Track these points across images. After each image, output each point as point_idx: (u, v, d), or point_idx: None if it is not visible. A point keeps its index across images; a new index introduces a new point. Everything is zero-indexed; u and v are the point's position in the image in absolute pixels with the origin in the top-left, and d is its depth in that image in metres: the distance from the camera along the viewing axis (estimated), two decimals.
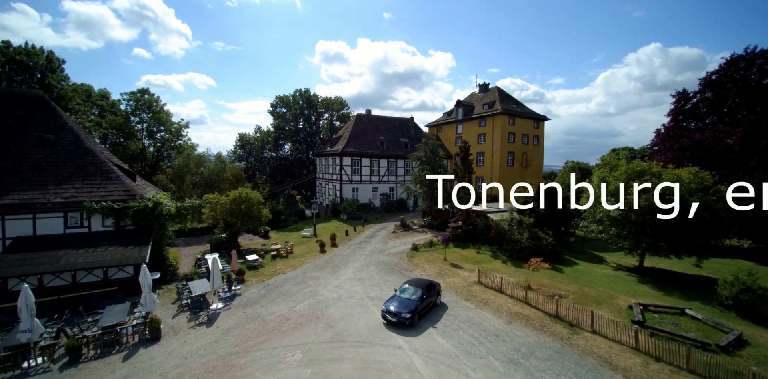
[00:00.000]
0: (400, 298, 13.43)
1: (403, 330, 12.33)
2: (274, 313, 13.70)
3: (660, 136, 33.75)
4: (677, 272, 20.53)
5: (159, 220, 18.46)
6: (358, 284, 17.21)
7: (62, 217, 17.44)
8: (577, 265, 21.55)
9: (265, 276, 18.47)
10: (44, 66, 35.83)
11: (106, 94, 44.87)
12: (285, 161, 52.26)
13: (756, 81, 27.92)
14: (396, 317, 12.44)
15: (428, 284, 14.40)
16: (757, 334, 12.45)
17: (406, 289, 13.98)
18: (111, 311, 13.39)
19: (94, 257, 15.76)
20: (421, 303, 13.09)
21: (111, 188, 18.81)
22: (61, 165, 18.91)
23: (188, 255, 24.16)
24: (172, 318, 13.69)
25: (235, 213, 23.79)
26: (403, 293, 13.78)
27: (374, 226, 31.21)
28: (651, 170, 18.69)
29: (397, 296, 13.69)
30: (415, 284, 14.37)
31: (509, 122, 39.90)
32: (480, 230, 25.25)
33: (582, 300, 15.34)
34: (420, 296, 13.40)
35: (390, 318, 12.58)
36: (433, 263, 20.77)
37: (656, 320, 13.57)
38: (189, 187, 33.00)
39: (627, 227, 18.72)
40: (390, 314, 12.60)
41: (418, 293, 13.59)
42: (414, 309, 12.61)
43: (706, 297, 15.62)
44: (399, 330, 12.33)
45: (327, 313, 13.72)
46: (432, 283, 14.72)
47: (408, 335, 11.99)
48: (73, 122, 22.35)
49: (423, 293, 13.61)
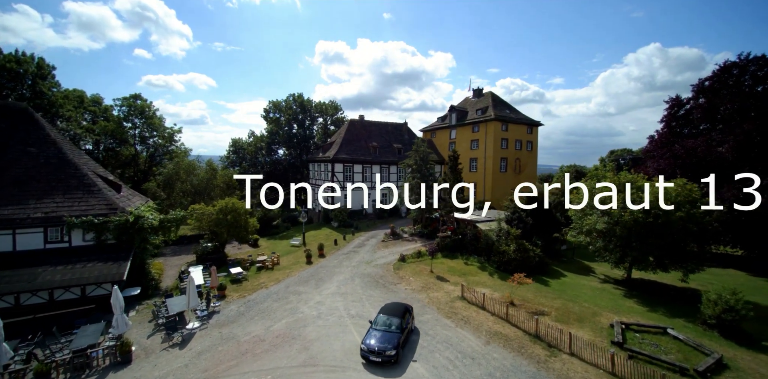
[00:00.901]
0: (378, 332, 12.17)
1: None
2: (249, 333, 13.54)
3: (653, 142, 33.51)
4: (665, 284, 20.31)
5: (140, 234, 18.31)
6: (340, 299, 17.04)
7: (42, 232, 17.31)
8: (565, 277, 21.33)
9: (247, 291, 18.31)
10: (34, 73, 35.72)
11: (98, 99, 44.75)
12: (279, 166, 52.10)
13: (750, 87, 27.65)
14: (380, 356, 11.24)
15: (404, 310, 13.36)
16: (739, 356, 12.23)
17: (383, 320, 12.74)
18: (84, 332, 13.26)
19: (71, 274, 15.63)
20: (402, 334, 12.13)
21: (92, 202, 18.67)
22: (42, 179, 18.78)
23: (174, 266, 24.07)
24: (147, 338, 13.54)
25: (221, 223, 23.67)
26: (380, 324, 12.56)
27: (365, 234, 31.03)
28: (637, 183, 18.45)
29: (374, 329, 12.42)
30: (391, 311, 13.16)
31: (502, 128, 39.66)
32: (469, 240, 25.05)
33: (564, 317, 15.14)
34: (399, 326, 12.41)
35: (373, 358, 11.28)
36: (419, 275, 20.58)
37: (637, 340, 13.36)
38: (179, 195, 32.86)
39: (613, 240, 18.51)
40: (372, 353, 11.32)
41: (396, 322, 12.54)
42: (397, 344, 11.59)
43: (691, 313, 15.40)
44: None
45: (304, 333, 13.55)
46: (407, 307, 13.75)
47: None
48: (57, 134, 22.19)
49: (401, 321, 12.60)
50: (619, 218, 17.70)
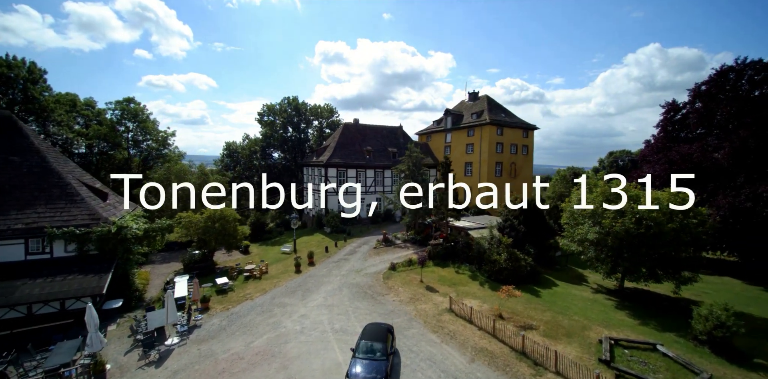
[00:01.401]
0: (364, 360, 11.35)
1: None
2: (228, 350, 13.23)
3: (649, 147, 33.21)
4: (658, 294, 19.98)
5: (123, 244, 18.02)
6: (325, 312, 16.72)
7: (23, 243, 17.04)
8: (557, 286, 21.00)
9: (232, 302, 18.01)
10: (26, 77, 35.45)
11: (91, 103, 44.48)
12: (274, 169, 51.80)
13: (746, 92, 27.31)
14: None
15: (386, 332, 12.58)
16: (729, 375, 11.90)
17: (366, 346, 11.83)
18: (60, 349, 12.96)
19: (51, 288, 15.33)
20: (388, 360, 11.39)
21: (75, 212, 18.38)
22: (25, 188, 18.50)
23: (162, 275, 23.79)
24: (124, 355, 13.24)
25: (209, 231, 23.36)
26: (363, 352, 11.67)
27: (357, 240, 30.71)
28: (629, 193, 18.12)
29: (358, 357, 11.49)
30: (373, 336, 12.25)
31: (497, 132, 39.32)
32: (461, 248, 24.72)
33: (553, 332, 14.82)
34: (384, 351, 11.62)
35: None
36: (409, 285, 20.26)
37: (625, 357, 13.03)
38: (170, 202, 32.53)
39: (604, 251, 18.20)
40: None
41: (380, 347, 11.71)
42: (385, 373, 10.89)
43: (682, 327, 15.06)
44: None
45: (284, 350, 13.23)
46: (389, 329, 12.95)
47: None
48: (42, 142, 21.90)
49: (385, 346, 11.77)
50: (610, 229, 17.39)
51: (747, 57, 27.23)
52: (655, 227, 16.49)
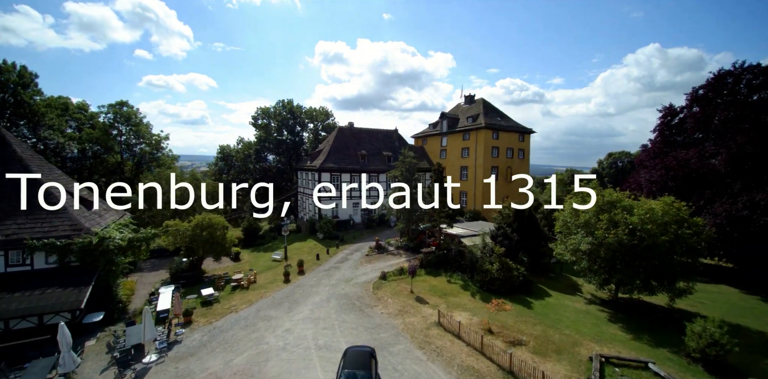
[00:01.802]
0: None
1: None
2: (207, 369, 12.84)
3: (646, 152, 32.83)
4: (653, 305, 19.57)
5: (105, 255, 17.65)
6: (311, 325, 16.33)
7: (3, 255, 16.69)
8: (550, 297, 20.60)
9: (216, 315, 17.62)
10: (16, 82, 35.08)
11: (84, 106, 44.14)
12: (269, 173, 51.39)
13: (744, 96, 26.88)
14: None
15: (369, 357, 11.82)
16: None
17: (351, 376, 10.97)
18: (34, 368, 12.62)
19: (29, 302, 14.97)
20: None
21: (56, 223, 18.01)
22: (5, 199, 18.14)
23: (149, 284, 23.39)
24: (100, 374, 12.87)
25: (197, 239, 22.99)
26: None
27: (350, 247, 30.31)
28: (622, 203, 17.72)
29: None
30: (356, 364, 11.39)
31: (493, 136, 38.91)
32: (453, 256, 24.33)
33: (543, 348, 14.41)
34: (370, 377, 11.05)
35: None
36: (398, 296, 19.87)
37: (616, 375, 12.64)
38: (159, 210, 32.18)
39: (597, 262, 17.80)
40: None
41: (364, 374, 10.99)
42: None
43: (675, 342, 14.65)
44: None
45: (264, 369, 12.84)
46: (371, 353, 12.16)
47: None
48: (26, 150, 21.52)
49: (367, 374, 11.04)
50: (603, 240, 17.00)
51: (745, 61, 26.84)
52: (648, 238, 16.10)
